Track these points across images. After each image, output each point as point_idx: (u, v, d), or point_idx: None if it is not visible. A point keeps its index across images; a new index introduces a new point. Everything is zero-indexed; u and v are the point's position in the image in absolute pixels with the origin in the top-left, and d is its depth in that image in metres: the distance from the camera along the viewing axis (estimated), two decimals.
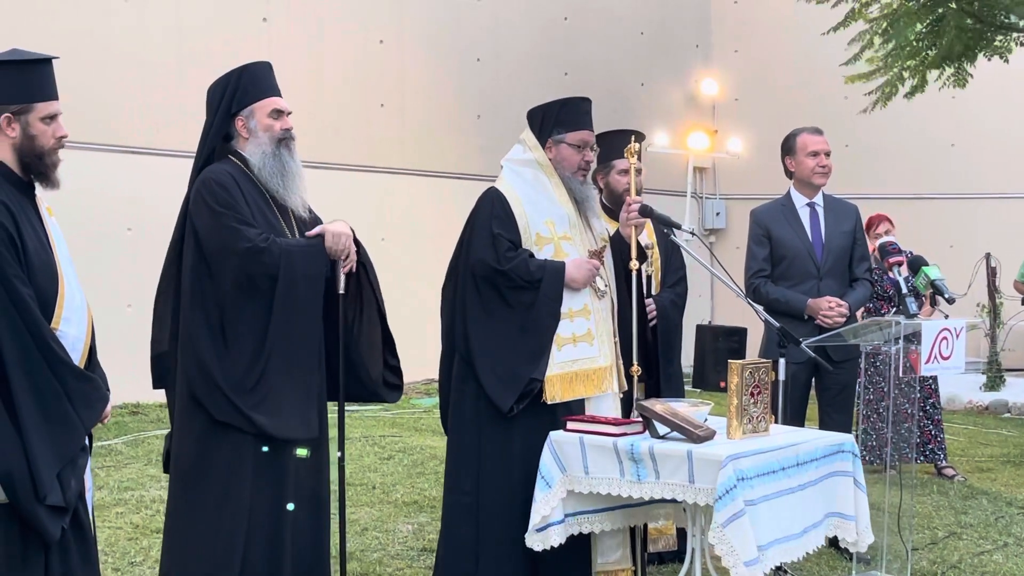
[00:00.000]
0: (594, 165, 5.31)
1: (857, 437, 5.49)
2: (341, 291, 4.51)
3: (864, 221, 8.21)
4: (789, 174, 6.35)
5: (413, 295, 10.74)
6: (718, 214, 15.99)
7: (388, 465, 8.25)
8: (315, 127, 11.63)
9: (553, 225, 4.82)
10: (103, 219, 10.27)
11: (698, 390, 12.62)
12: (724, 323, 14.41)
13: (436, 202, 11.92)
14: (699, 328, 14.33)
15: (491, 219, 4.77)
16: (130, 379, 9.60)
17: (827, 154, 6.23)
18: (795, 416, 5.87)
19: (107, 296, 9.95)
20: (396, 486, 7.53)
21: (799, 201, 6.27)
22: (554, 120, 4.91)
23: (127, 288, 9.99)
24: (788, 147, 6.32)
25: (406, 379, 13.36)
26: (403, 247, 12.05)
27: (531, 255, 4.74)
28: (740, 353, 10.49)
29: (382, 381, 4.66)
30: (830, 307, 5.97)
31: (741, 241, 17.48)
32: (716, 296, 15.69)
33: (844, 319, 5.95)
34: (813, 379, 6.18)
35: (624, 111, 14.35)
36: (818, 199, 6.28)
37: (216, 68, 4.62)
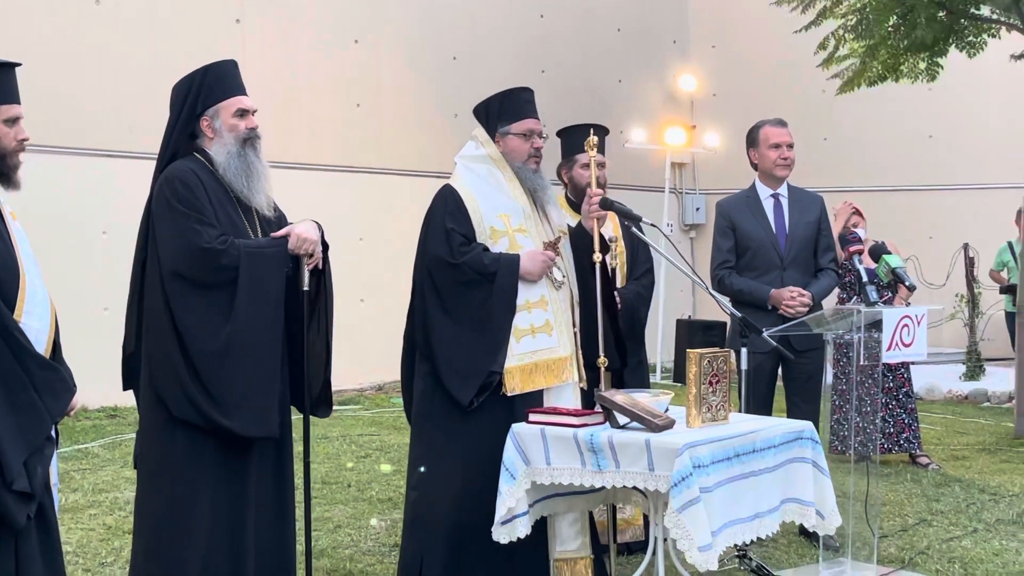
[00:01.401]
0: (557, 156, 5.31)
1: (820, 426, 5.51)
2: (305, 288, 4.51)
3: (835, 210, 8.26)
4: (754, 166, 6.38)
5: (391, 293, 10.76)
6: (698, 209, 16.03)
7: (365, 463, 8.27)
8: (291, 128, 11.65)
9: (508, 218, 4.84)
10: (78, 222, 10.28)
11: (679, 384, 12.71)
12: (704, 318, 14.47)
13: (414, 201, 11.85)
14: (679, 323, 14.46)
15: (444, 215, 4.79)
16: (107, 382, 9.57)
17: (789, 146, 6.27)
18: (761, 405, 5.91)
19: (83, 299, 9.97)
20: (371, 484, 7.55)
21: (763, 192, 6.31)
22: (497, 113, 4.94)
23: (103, 291, 10.00)
24: (752, 139, 6.36)
25: (388, 377, 13.47)
26: (381, 246, 12.08)
27: (486, 249, 4.76)
28: (719, 347, 10.54)
29: (321, 395, 4.64)
30: (792, 297, 6.01)
31: None
32: (697, 291, 15.72)
33: (807, 308, 5.99)
34: (780, 369, 6.21)
35: (602, 107, 14.38)
36: (782, 190, 6.32)
37: (189, 70, 4.63)
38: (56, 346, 3.81)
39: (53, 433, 3.71)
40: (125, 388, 4.56)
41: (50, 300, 3.78)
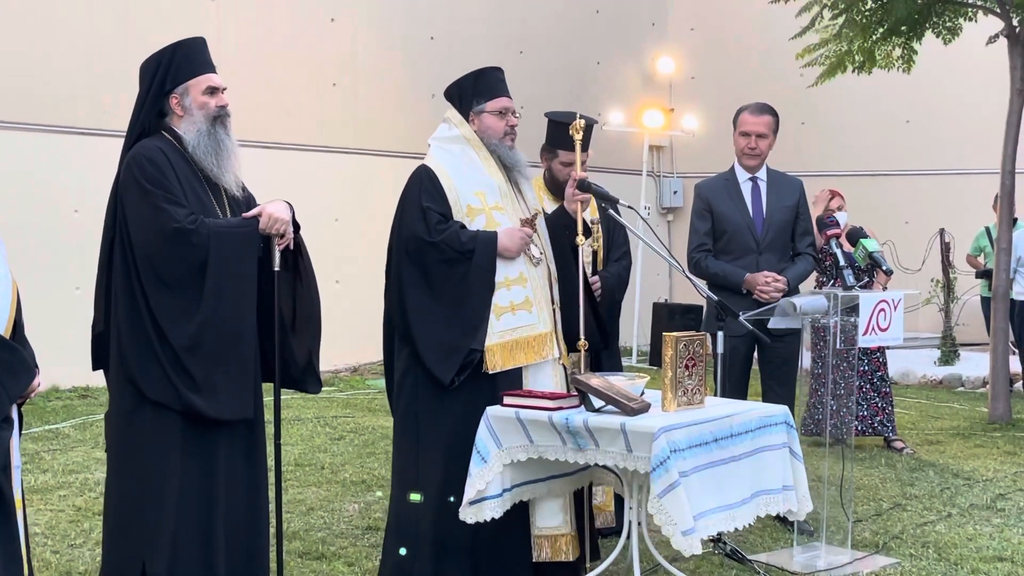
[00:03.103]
0: (532, 135, 5.24)
1: (795, 410, 5.50)
2: (276, 268, 4.47)
3: (815, 197, 8.24)
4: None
5: (366, 274, 10.69)
6: (675, 192, 15.99)
7: (339, 445, 8.22)
8: (266, 107, 11.54)
9: (484, 196, 4.81)
10: (50, 201, 10.17)
11: (655, 368, 12.70)
12: (681, 302, 14.45)
13: (390, 182, 11.72)
14: (656, 306, 14.44)
15: (420, 194, 4.76)
16: (78, 362, 9.49)
17: (759, 136, 6.17)
18: (736, 389, 5.89)
19: (54, 278, 9.88)
20: (345, 466, 7.50)
21: (742, 176, 6.26)
22: (471, 92, 4.90)
23: (74, 270, 9.91)
24: (734, 121, 6.30)
25: (362, 359, 13.40)
26: (357, 227, 12.00)
27: (462, 227, 4.73)
28: (696, 330, 10.56)
29: (309, 370, 4.61)
30: (766, 282, 5.97)
31: None
32: (674, 274, 15.70)
33: (781, 294, 5.95)
34: (755, 353, 6.19)
35: (579, 89, 14.32)
36: (761, 174, 6.27)
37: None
38: (17, 326, 3.73)
39: (15, 415, 3.64)
40: (95, 368, 4.51)
41: (12, 280, 3.71)
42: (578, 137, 5.11)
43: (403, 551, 4.70)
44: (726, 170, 6.40)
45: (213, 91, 4.44)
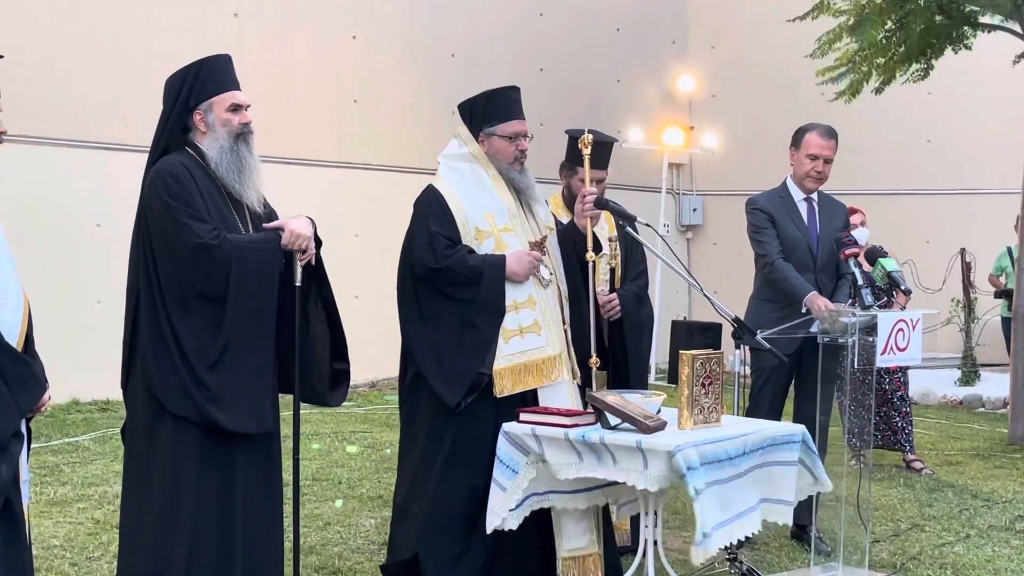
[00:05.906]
0: (546, 152, 5.24)
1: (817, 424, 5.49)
2: (298, 283, 4.49)
3: None
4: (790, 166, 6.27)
5: (386, 290, 10.71)
6: (695, 210, 15.98)
7: (356, 460, 8.24)
8: (287, 123, 11.61)
9: (493, 218, 4.80)
10: (72, 215, 10.25)
11: (673, 385, 12.67)
12: (700, 319, 14.42)
13: (410, 198, 11.77)
14: (674, 324, 14.43)
15: (428, 218, 4.75)
16: (100, 375, 9.63)
17: (827, 160, 6.10)
18: (775, 406, 5.94)
19: (76, 292, 9.95)
20: (362, 481, 7.51)
21: (796, 195, 6.17)
22: (483, 114, 4.86)
23: (96, 284, 9.97)
24: (795, 140, 6.19)
25: (380, 374, 13.39)
26: (377, 243, 12.02)
27: (470, 251, 4.72)
28: (715, 348, 10.54)
29: (328, 383, 4.63)
30: (822, 310, 5.80)
31: (718, 237, 17.37)
32: (693, 292, 15.69)
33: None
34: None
35: (600, 107, 14.35)
36: (814, 195, 6.22)
37: (186, 64, 4.60)
38: (28, 340, 3.76)
39: (23, 429, 3.65)
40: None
41: (24, 294, 3.73)
42: (586, 152, 5.12)
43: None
44: (777, 187, 6.27)
45: (236, 108, 4.46)
